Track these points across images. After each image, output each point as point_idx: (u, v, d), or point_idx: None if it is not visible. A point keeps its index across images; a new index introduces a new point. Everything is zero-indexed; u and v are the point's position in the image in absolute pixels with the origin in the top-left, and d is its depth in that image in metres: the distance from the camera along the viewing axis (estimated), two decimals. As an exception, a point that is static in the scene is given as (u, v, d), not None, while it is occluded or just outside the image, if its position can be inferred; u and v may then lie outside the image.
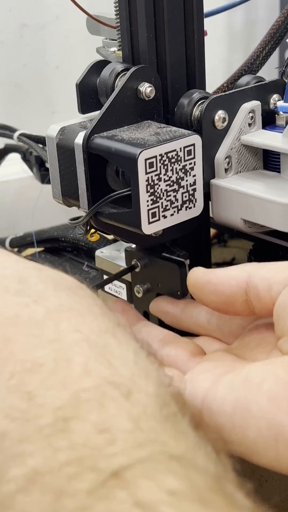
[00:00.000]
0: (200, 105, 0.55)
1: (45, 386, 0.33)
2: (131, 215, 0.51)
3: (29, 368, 0.34)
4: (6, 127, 0.83)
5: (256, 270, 0.48)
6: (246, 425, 0.41)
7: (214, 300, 0.50)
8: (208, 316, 0.54)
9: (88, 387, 0.33)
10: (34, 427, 0.32)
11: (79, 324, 0.36)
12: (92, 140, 0.52)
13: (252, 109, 0.56)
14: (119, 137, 0.52)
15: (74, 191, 0.54)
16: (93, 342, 0.35)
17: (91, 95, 0.57)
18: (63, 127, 0.55)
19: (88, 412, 0.32)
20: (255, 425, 0.41)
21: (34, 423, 0.32)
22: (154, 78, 0.55)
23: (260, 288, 0.48)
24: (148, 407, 0.33)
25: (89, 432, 0.31)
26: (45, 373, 0.33)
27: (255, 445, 0.41)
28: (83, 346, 0.35)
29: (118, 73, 0.56)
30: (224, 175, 0.56)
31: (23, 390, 0.33)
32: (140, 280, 0.60)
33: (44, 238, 0.80)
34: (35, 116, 1.04)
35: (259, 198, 0.53)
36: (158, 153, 0.50)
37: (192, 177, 0.52)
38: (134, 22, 0.55)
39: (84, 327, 0.36)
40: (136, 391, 0.33)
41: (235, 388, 0.43)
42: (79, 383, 0.33)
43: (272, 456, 0.41)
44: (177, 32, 0.55)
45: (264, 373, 0.42)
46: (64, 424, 0.31)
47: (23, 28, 1.00)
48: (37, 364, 0.34)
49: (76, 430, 0.31)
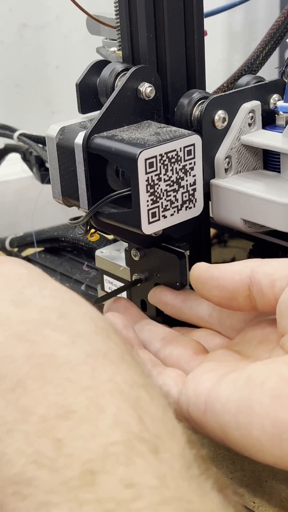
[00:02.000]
0: (200, 105, 0.55)
1: (75, 435, 0.33)
2: (131, 215, 0.51)
3: (61, 414, 0.33)
4: (6, 127, 0.83)
5: (260, 266, 0.48)
6: (250, 423, 0.41)
7: (216, 295, 0.50)
8: (209, 309, 0.54)
9: (117, 441, 0.33)
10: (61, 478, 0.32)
11: (114, 373, 0.36)
12: (92, 140, 0.52)
13: (252, 109, 0.56)
14: (119, 137, 0.52)
15: (74, 191, 0.54)
16: (125, 393, 0.35)
17: (91, 95, 0.57)
18: (63, 127, 0.55)
19: (115, 466, 0.32)
20: (259, 423, 0.41)
21: (61, 474, 0.32)
22: (154, 78, 0.55)
23: (263, 284, 0.48)
24: (175, 466, 0.33)
25: (115, 486, 0.31)
26: (76, 421, 0.33)
27: (260, 444, 0.41)
28: (116, 396, 0.35)
29: (118, 73, 0.56)
30: (224, 175, 0.56)
31: (53, 436, 0.33)
32: (139, 269, 0.60)
33: (44, 238, 0.80)
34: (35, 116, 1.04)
35: (259, 198, 0.53)
36: (158, 153, 0.50)
37: (192, 177, 0.52)
38: (134, 22, 0.55)
39: (118, 377, 0.36)
40: (163, 449, 0.33)
41: (238, 387, 0.43)
42: (109, 436, 0.33)
43: (277, 453, 0.41)
44: (177, 32, 0.55)
45: (267, 372, 0.42)
46: (92, 478, 0.31)
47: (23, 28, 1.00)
48: (69, 411, 0.33)
49: (103, 484, 0.31)
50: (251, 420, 0.41)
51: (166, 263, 0.57)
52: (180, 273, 0.56)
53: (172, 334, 0.54)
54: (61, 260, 0.79)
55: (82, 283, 0.73)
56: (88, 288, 0.72)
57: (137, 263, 0.60)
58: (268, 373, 0.42)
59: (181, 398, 0.47)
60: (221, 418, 0.43)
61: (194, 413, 0.46)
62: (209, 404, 0.44)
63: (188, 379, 0.47)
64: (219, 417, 0.43)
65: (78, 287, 0.72)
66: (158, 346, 0.53)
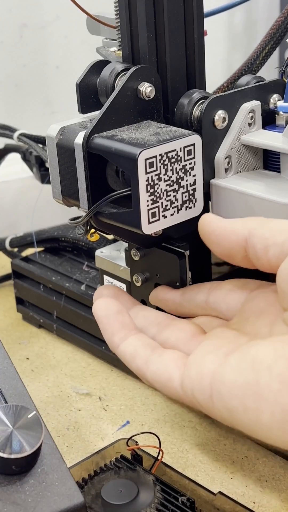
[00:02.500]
0: (200, 105, 0.55)
1: None
2: (131, 215, 0.51)
3: None
4: (6, 127, 0.83)
5: (257, 228, 0.48)
6: (259, 409, 0.41)
7: (217, 250, 0.50)
8: (205, 296, 0.54)
9: None
10: None
11: None
12: (92, 140, 0.52)
13: (252, 109, 0.56)
14: (119, 137, 0.52)
15: (74, 191, 0.54)
16: None
17: (91, 95, 0.57)
18: (63, 127, 0.55)
19: None
20: (268, 409, 0.41)
21: None
22: (154, 78, 0.55)
23: (258, 248, 0.47)
24: None
25: None
26: None
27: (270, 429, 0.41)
28: None
29: (118, 73, 0.56)
30: (224, 175, 0.56)
31: None
32: (139, 269, 0.60)
33: (44, 238, 0.80)
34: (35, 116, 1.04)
35: (259, 198, 0.53)
36: (158, 153, 0.50)
37: (192, 177, 0.52)
38: (134, 22, 0.55)
39: None
40: None
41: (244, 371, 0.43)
42: None
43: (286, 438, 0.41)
44: (177, 32, 0.55)
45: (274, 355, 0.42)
46: None
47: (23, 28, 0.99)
48: None
49: None
50: (259, 405, 0.41)
51: (166, 263, 0.57)
52: (180, 273, 0.56)
53: (167, 318, 0.54)
54: (61, 260, 0.79)
55: (82, 283, 0.73)
56: (88, 288, 0.72)
57: (137, 263, 0.60)
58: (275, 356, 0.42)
59: (185, 382, 0.46)
60: (228, 403, 0.43)
61: (199, 397, 0.45)
62: (214, 387, 0.44)
63: (190, 362, 0.47)
64: (226, 402, 0.43)
65: (78, 287, 0.72)
66: (154, 332, 0.52)
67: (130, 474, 0.53)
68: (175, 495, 0.51)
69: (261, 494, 0.55)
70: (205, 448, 0.59)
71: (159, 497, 0.51)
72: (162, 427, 0.62)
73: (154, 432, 0.57)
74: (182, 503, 0.50)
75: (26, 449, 0.44)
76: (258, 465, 0.57)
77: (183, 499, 0.50)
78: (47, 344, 0.75)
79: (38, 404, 0.64)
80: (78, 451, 0.60)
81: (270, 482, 0.56)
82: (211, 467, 0.58)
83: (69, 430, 0.62)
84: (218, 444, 0.60)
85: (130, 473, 0.53)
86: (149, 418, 0.63)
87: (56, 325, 0.75)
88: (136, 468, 0.53)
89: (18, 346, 0.75)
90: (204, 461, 0.58)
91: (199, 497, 0.52)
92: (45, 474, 0.45)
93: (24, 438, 0.45)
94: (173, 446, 0.60)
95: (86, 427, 0.63)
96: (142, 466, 0.54)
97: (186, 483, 0.53)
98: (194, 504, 0.50)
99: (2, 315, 0.81)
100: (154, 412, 0.64)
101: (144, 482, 0.52)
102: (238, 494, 0.55)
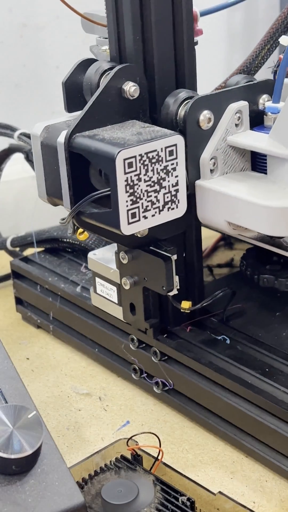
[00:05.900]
0: (186, 105, 0.54)
1: None
2: (110, 215, 0.50)
3: None
4: (7, 126, 0.83)
5: None
6: None
7: None
8: None
9: None
10: None
11: None
12: (73, 139, 0.52)
13: (239, 110, 0.55)
14: (100, 137, 0.51)
15: (58, 190, 0.54)
16: None
17: (78, 94, 0.57)
18: (48, 125, 0.54)
19: None
20: None
21: None
22: (139, 78, 0.54)
23: None
24: None
25: None
26: None
27: None
28: None
29: (104, 72, 0.55)
30: (209, 176, 0.55)
31: None
32: (128, 272, 0.59)
33: (44, 238, 0.80)
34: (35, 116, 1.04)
35: (242, 200, 0.52)
36: (138, 153, 0.49)
37: (174, 178, 0.52)
38: (121, 24, 0.55)
39: None
40: None
41: None
42: None
43: None
44: (165, 34, 0.54)
45: None
46: None
47: (23, 28, 0.99)
48: None
49: None
50: None
51: (153, 266, 0.56)
52: (166, 276, 0.56)
53: None
54: (60, 261, 0.79)
55: (78, 285, 0.72)
56: (83, 290, 0.71)
57: (125, 266, 0.59)
58: None
59: None
60: None
61: None
62: None
63: None
64: None
65: (73, 289, 0.72)
66: None
67: (130, 474, 0.53)
68: (175, 495, 0.51)
69: (261, 494, 0.55)
70: (205, 448, 0.59)
71: (159, 497, 0.51)
72: (162, 427, 0.62)
73: (154, 432, 0.57)
74: (182, 503, 0.50)
75: (26, 449, 0.44)
76: (258, 465, 0.57)
77: (183, 499, 0.50)
78: (47, 344, 0.75)
79: (38, 404, 0.64)
80: (78, 451, 0.60)
81: (270, 482, 0.56)
82: (211, 467, 0.58)
83: (69, 430, 0.62)
84: (218, 444, 0.60)
85: (130, 473, 0.53)
86: (149, 418, 0.63)
87: (52, 326, 0.75)
88: (136, 468, 0.53)
89: (18, 346, 0.75)
90: (204, 461, 0.58)
91: (199, 497, 0.52)
92: (45, 474, 0.45)
93: (24, 438, 0.45)
94: (173, 446, 0.60)
95: (86, 427, 0.63)
96: (142, 466, 0.54)
97: (186, 483, 0.53)
98: (194, 504, 0.50)
99: (2, 315, 0.81)
100: (154, 412, 0.64)
101: (144, 482, 0.52)
102: (238, 494, 0.55)
